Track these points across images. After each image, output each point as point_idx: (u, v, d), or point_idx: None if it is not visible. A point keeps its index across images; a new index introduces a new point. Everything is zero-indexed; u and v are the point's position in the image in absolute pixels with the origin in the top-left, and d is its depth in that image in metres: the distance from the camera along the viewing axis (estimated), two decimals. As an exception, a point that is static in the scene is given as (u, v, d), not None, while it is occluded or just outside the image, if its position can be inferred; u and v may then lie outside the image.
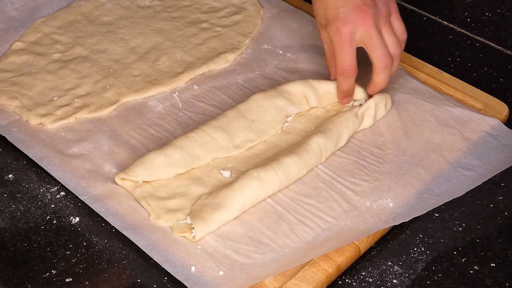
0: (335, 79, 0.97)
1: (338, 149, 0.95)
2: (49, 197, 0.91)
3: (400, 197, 0.89)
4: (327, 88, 0.98)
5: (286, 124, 0.98)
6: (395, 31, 0.94)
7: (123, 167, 0.92)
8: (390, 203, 0.89)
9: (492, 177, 0.91)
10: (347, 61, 0.93)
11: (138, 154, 0.94)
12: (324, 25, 0.94)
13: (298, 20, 1.13)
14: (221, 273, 0.82)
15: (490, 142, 0.95)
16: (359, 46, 0.93)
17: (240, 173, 0.91)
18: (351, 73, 0.94)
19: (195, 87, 1.04)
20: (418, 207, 0.88)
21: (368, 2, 0.91)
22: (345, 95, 0.97)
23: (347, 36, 0.91)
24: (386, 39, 0.93)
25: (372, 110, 0.97)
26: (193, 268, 0.82)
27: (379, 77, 0.94)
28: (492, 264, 0.85)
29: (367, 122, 0.97)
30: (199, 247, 0.85)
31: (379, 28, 0.92)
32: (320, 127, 0.95)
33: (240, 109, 0.97)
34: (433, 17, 1.18)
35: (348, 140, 0.96)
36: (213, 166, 0.93)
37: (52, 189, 0.92)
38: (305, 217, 0.87)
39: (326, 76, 1.04)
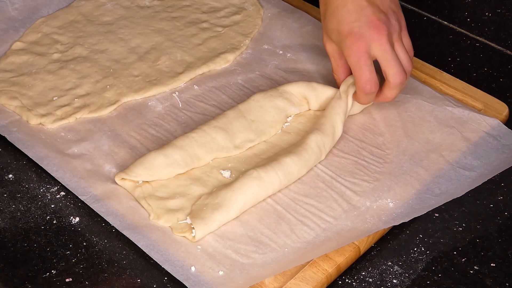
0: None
1: (338, 149, 0.95)
2: (49, 197, 0.91)
3: (400, 197, 0.89)
4: (331, 94, 0.98)
5: (286, 124, 0.98)
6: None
7: (123, 167, 0.92)
8: (390, 203, 0.89)
9: (492, 177, 0.91)
10: (366, 75, 0.90)
11: (138, 154, 0.94)
12: (337, 40, 0.92)
13: (298, 20, 1.13)
14: (221, 273, 0.82)
15: (490, 142, 0.95)
16: (374, 60, 0.91)
17: (240, 173, 0.91)
18: (372, 89, 0.91)
19: (195, 87, 1.04)
20: (418, 207, 0.88)
21: (382, 17, 0.90)
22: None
23: (363, 50, 0.90)
24: (399, 55, 0.91)
25: (350, 80, 0.95)
26: (193, 268, 0.82)
27: (391, 92, 0.93)
28: (492, 264, 0.85)
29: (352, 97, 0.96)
30: (199, 247, 0.84)
31: (392, 43, 0.90)
32: (315, 124, 0.95)
33: (240, 109, 0.97)
34: (433, 17, 1.18)
35: (348, 140, 0.96)
36: (213, 166, 0.93)
37: (52, 189, 0.92)
38: (305, 217, 0.87)
39: (325, 75, 1.04)
